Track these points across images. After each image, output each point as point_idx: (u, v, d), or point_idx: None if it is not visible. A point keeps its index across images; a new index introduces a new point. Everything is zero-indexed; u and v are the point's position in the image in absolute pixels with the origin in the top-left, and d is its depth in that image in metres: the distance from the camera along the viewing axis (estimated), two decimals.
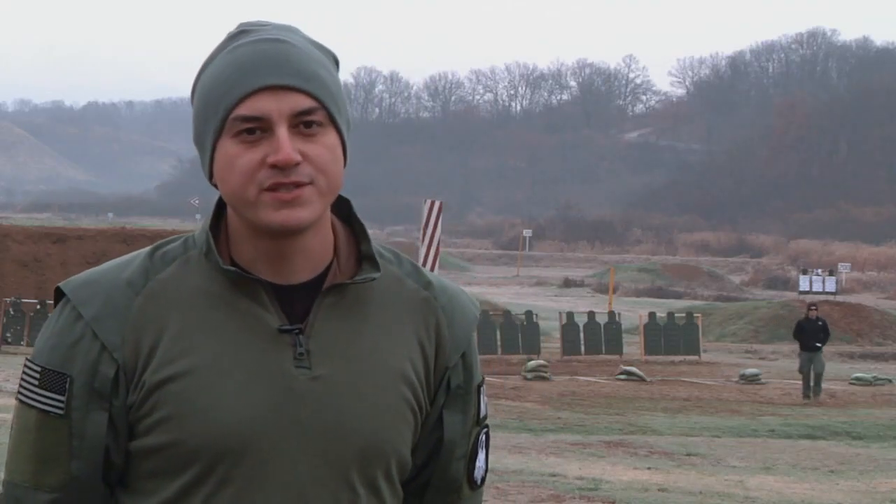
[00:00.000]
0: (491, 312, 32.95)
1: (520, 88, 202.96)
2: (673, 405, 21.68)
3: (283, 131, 1.65)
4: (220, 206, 1.77)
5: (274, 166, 1.65)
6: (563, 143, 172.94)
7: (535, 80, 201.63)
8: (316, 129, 1.68)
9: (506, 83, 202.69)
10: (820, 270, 47.18)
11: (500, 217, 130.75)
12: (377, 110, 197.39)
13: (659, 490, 11.40)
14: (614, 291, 44.44)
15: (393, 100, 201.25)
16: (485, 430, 1.89)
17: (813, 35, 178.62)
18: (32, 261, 39.00)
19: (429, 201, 21.63)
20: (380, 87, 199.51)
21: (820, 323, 23.50)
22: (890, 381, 26.35)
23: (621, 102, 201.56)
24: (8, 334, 30.66)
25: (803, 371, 22.93)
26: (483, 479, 1.90)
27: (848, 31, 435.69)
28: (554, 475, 12.02)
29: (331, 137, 1.69)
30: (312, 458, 1.70)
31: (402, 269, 1.83)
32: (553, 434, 16.61)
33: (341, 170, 1.71)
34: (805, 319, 23.66)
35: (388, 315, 1.78)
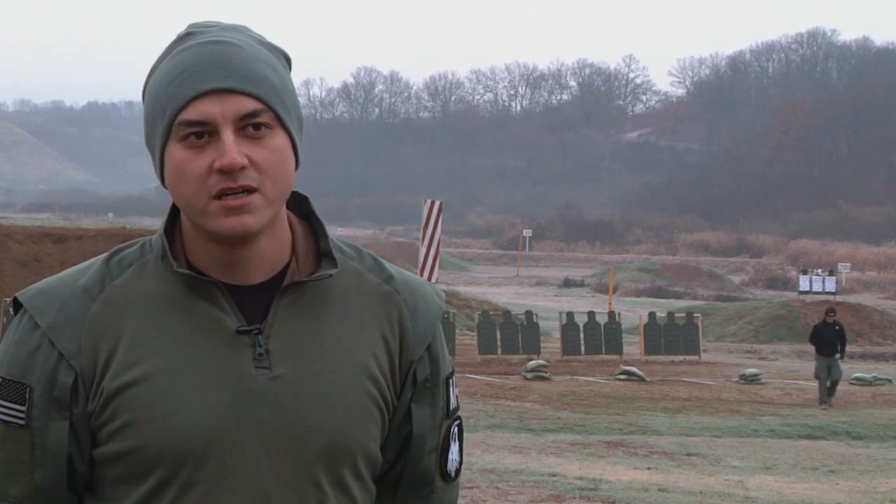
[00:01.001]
0: (491, 312, 32.97)
1: (520, 88, 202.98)
2: (673, 405, 21.68)
3: (228, 135, 1.64)
4: (176, 209, 1.76)
5: (220, 171, 1.64)
6: (563, 143, 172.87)
7: (535, 80, 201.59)
8: (264, 132, 1.67)
9: (506, 83, 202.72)
10: (820, 270, 47.13)
11: (500, 217, 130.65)
12: (377, 110, 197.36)
13: (659, 490, 11.40)
14: (614, 291, 44.44)
15: (393, 100, 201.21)
16: (457, 422, 1.88)
17: (813, 35, 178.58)
18: (32, 261, 39.01)
19: (429, 201, 21.64)
20: (380, 87, 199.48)
21: (837, 328, 22.72)
22: (890, 381, 26.33)
23: (621, 102, 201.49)
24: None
25: (820, 377, 22.23)
26: (458, 472, 1.89)
27: (848, 31, 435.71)
28: (554, 475, 12.02)
29: (279, 139, 1.68)
30: (276, 458, 1.69)
31: (364, 263, 1.82)
32: (553, 434, 16.61)
33: (291, 171, 1.70)
34: (822, 324, 22.89)
35: (349, 311, 1.77)
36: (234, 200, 1.65)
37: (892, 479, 13.27)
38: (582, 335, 31.64)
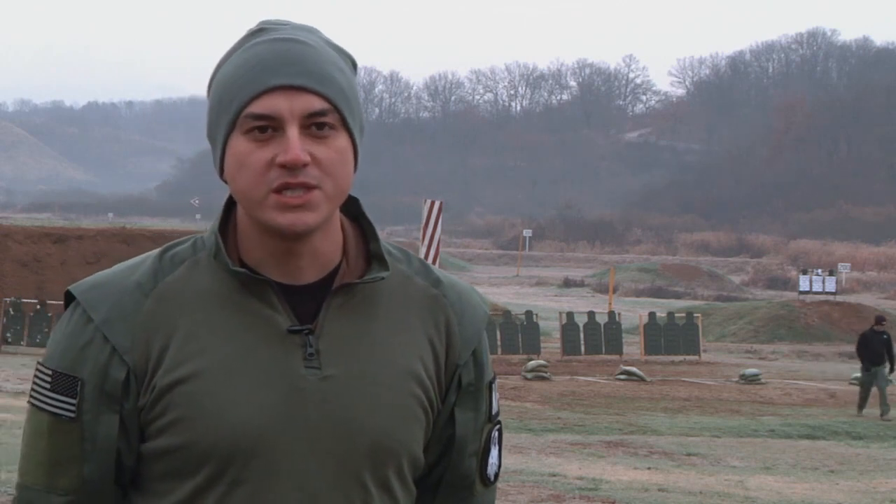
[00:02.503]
0: (491, 312, 32.89)
1: (520, 88, 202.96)
2: (673, 405, 21.69)
3: (293, 131, 1.65)
4: (229, 206, 1.77)
5: (283, 166, 1.64)
6: (563, 143, 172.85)
7: (535, 80, 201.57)
8: (327, 132, 1.67)
9: (506, 83, 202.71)
10: (820, 270, 47.14)
11: (500, 217, 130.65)
12: (377, 110, 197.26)
13: (659, 490, 11.40)
14: (614, 291, 44.43)
15: (393, 100, 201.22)
16: (497, 426, 1.89)
17: (813, 35, 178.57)
18: (32, 261, 38.99)
19: (429, 201, 21.63)
20: (380, 87, 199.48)
21: (885, 336, 21.74)
22: (890, 381, 26.32)
23: (621, 102, 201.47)
24: (8, 334, 30.64)
25: (864, 384, 21.45)
26: (496, 476, 1.90)
27: (848, 31, 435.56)
28: (554, 475, 12.02)
29: (342, 140, 1.69)
30: (323, 457, 1.70)
31: (412, 267, 1.83)
32: (553, 434, 16.61)
33: (350, 173, 1.71)
34: (871, 332, 21.95)
35: (397, 314, 1.78)
36: (295, 198, 1.65)
37: (892, 479, 13.28)
38: (582, 335, 31.65)
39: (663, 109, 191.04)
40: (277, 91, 1.66)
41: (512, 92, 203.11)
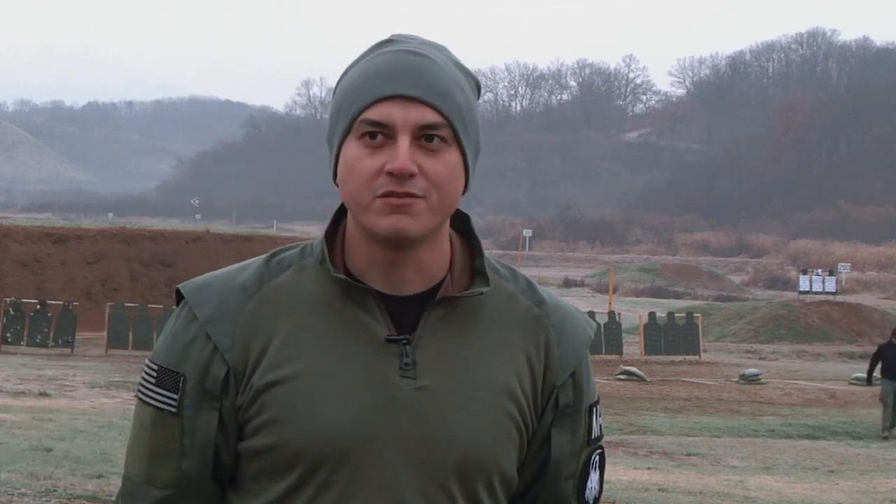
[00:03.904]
0: None
1: (520, 88, 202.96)
2: (673, 405, 21.69)
3: (404, 141, 1.67)
4: (340, 214, 1.80)
5: (390, 174, 1.66)
6: (563, 143, 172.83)
7: (535, 80, 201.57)
8: (439, 145, 1.69)
9: (506, 83, 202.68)
10: (820, 270, 47.13)
11: (500, 217, 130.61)
12: None
13: (659, 490, 11.40)
14: (614, 291, 44.42)
15: None
16: (598, 451, 1.90)
17: (813, 35, 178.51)
18: (32, 261, 38.99)
19: None
20: None
21: None
22: None
23: (621, 102, 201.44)
24: (8, 334, 30.64)
25: (886, 401, 20.33)
26: (596, 501, 1.91)
27: (848, 31, 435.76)
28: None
29: (453, 156, 1.71)
30: (412, 467, 1.71)
31: (517, 285, 1.85)
32: None
33: (459, 190, 1.72)
34: (888, 344, 20.99)
35: (497, 330, 1.79)
36: (398, 199, 1.67)
37: (892, 479, 13.28)
38: None
39: (663, 109, 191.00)
40: (394, 100, 1.68)
41: (512, 92, 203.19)
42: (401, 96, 1.69)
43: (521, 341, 1.80)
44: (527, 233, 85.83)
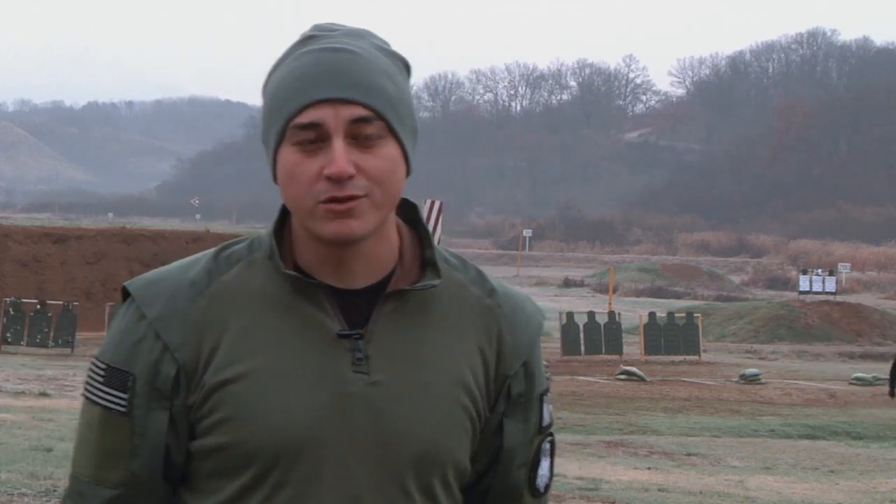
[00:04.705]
0: None
1: (520, 88, 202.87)
2: (673, 405, 21.68)
3: (338, 143, 1.66)
4: (285, 209, 1.78)
5: (329, 178, 1.65)
6: (563, 143, 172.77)
7: (535, 80, 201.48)
8: (375, 141, 1.68)
9: (506, 83, 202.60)
10: (820, 270, 47.11)
11: (500, 217, 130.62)
12: None
13: (659, 490, 11.39)
14: (614, 291, 44.42)
15: None
16: (549, 438, 1.89)
17: (813, 35, 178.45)
18: (32, 261, 38.99)
19: (429, 201, 21.64)
20: None
21: None
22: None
23: (621, 102, 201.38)
24: (8, 334, 30.64)
25: None
26: (547, 487, 1.90)
27: (848, 31, 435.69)
28: (554, 475, 12.01)
29: (390, 148, 1.70)
30: (368, 463, 1.70)
31: (467, 275, 1.83)
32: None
33: (400, 180, 1.72)
34: None
35: (449, 322, 1.78)
36: (340, 205, 1.66)
37: (892, 479, 13.27)
38: (582, 335, 31.64)
39: (663, 109, 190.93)
40: (323, 103, 1.67)
41: (512, 92, 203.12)
42: (329, 99, 1.67)
43: (474, 332, 1.79)
44: (527, 233, 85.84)
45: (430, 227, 21.81)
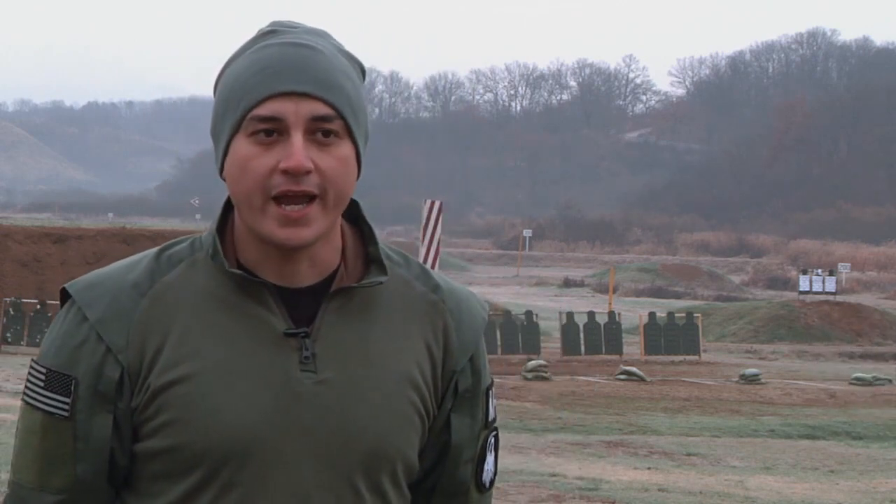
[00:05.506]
0: (491, 312, 32.89)
1: (520, 88, 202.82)
2: (673, 405, 21.67)
3: (297, 137, 1.64)
4: (228, 207, 1.76)
5: (285, 172, 1.64)
6: (563, 143, 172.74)
7: (535, 80, 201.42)
8: (332, 139, 1.67)
9: (506, 83, 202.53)
10: (820, 270, 47.08)
11: (500, 217, 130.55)
12: (377, 110, 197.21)
13: (659, 490, 11.39)
14: (614, 291, 44.41)
15: (393, 100, 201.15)
16: (493, 433, 1.89)
17: (813, 35, 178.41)
18: (32, 261, 38.99)
19: (429, 201, 21.65)
20: (380, 87, 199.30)
21: None
22: (890, 381, 26.33)
23: (621, 102, 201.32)
24: (8, 334, 30.64)
25: None
26: (492, 482, 1.90)
27: (848, 31, 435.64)
28: (554, 475, 12.01)
29: (345, 149, 1.69)
30: (317, 462, 1.69)
31: (411, 271, 1.82)
32: (553, 434, 16.60)
33: (353, 182, 1.71)
34: None
35: (395, 318, 1.77)
36: (294, 212, 1.64)
37: (892, 479, 13.27)
38: (582, 335, 31.62)
39: (663, 109, 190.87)
40: (284, 96, 1.65)
41: (512, 92, 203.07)
42: (291, 93, 1.65)
43: (420, 328, 1.78)
44: (527, 233, 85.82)
45: (431, 227, 21.77)
